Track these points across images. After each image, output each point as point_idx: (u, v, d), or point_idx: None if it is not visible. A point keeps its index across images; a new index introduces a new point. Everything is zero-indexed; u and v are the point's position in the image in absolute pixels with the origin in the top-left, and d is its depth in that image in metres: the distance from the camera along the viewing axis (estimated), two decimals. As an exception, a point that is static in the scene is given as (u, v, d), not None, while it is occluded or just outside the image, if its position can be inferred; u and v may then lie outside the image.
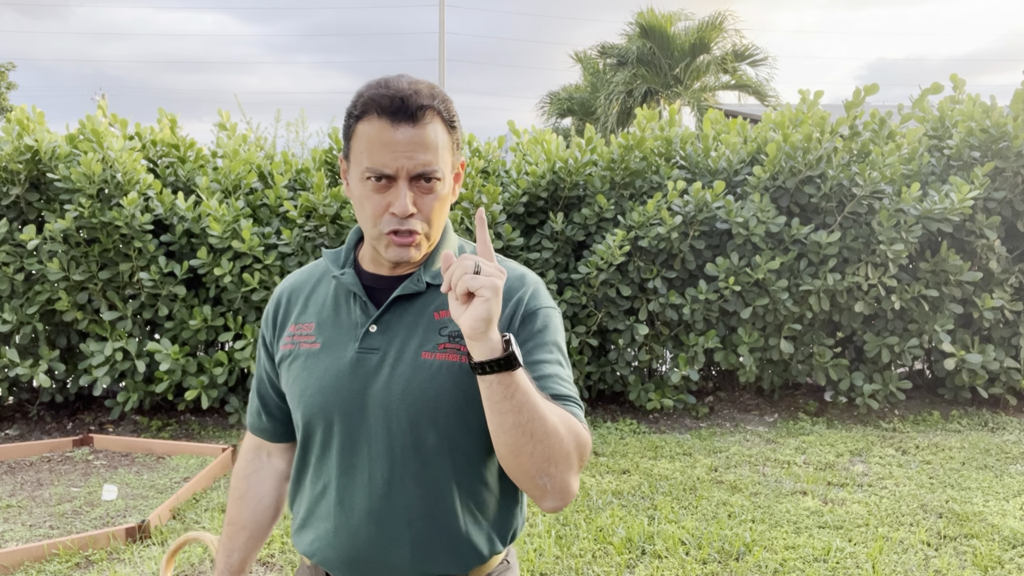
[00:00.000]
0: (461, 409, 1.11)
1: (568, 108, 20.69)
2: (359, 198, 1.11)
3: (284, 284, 1.29)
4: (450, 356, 1.12)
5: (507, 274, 1.14)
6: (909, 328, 5.07)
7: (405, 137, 1.06)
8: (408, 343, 1.13)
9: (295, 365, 1.20)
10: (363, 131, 1.08)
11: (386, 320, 1.15)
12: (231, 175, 5.01)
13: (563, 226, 5.02)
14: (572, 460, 1.03)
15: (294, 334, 1.22)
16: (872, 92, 4.94)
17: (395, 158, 1.06)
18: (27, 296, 4.77)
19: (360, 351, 1.14)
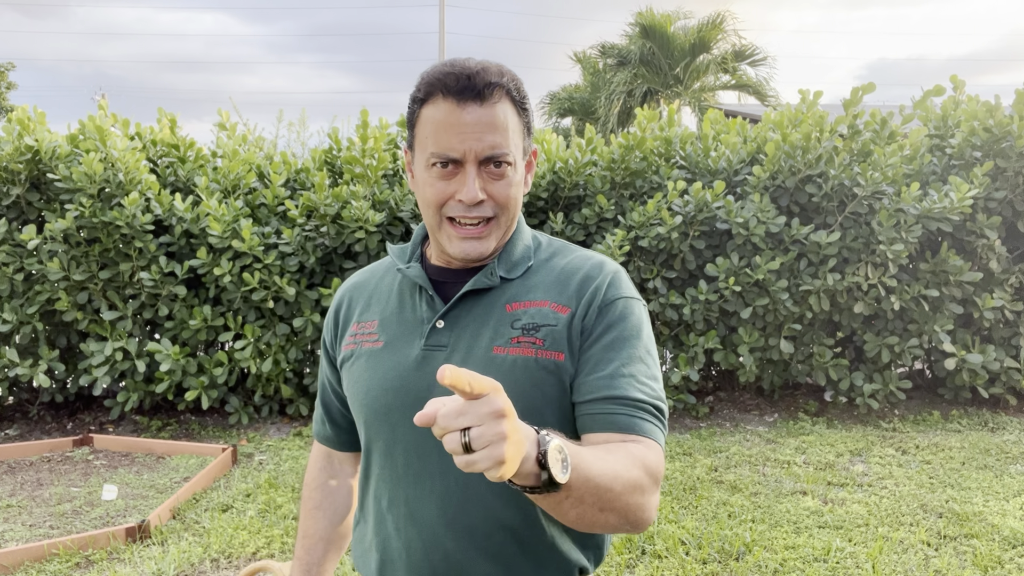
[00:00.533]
0: (538, 408, 1.01)
1: (568, 108, 20.69)
2: (423, 186, 1.05)
3: (347, 283, 1.24)
4: (524, 350, 1.02)
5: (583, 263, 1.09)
6: (909, 328, 5.07)
7: (473, 118, 0.99)
8: (478, 338, 1.05)
9: (356, 365, 1.12)
10: (428, 115, 1.02)
11: (454, 315, 1.07)
12: (230, 175, 5.02)
13: (563, 226, 5.02)
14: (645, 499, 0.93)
15: (356, 333, 1.15)
16: (869, 91, 4.94)
17: (462, 140, 0.99)
18: (27, 296, 4.77)
19: (426, 348, 1.06)
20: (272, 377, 4.97)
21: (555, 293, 1.07)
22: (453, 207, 1.03)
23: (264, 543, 3.24)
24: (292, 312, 4.97)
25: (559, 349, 1.02)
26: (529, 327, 1.03)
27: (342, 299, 1.21)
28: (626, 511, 0.89)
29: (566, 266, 1.10)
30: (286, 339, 4.97)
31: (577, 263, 1.10)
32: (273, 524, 3.42)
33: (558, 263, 1.11)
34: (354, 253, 4.99)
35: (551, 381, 1.01)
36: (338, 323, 1.20)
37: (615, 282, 1.08)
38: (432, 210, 1.05)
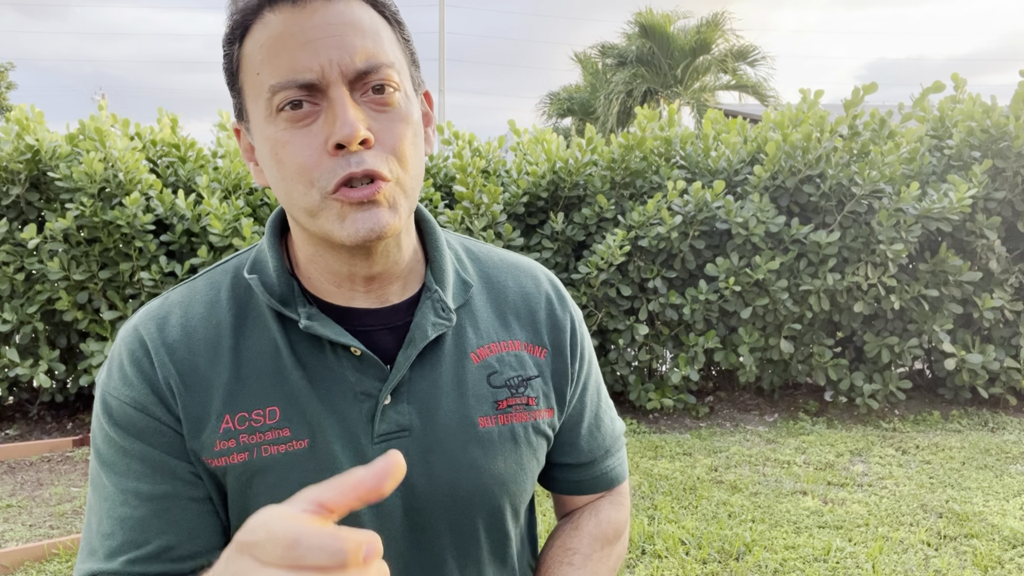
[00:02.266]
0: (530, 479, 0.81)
1: (568, 108, 20.70)
2: (272, 151, 0.67)
3: (156, 337, 0.72)
4: (518, 416, 0.78)
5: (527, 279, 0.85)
6: (909, 328, 5.07)
7: (323, 19, 0.64)
8: (452, 410, 0.75)
9: (261, 484, 0.70)
10: (254, 43, 0.66)
11: (405, 381, 0.74)
12: (231, 175, 5.02)
13: (563, 226, 5.02)
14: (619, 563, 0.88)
15: (239, 432, 0.70)
16: (871, 91, 4.94)
17: (314, 50, 0.64)
18: (27, 296, 4.77)
19: (380, 439, 0.72)
20: (272, 377, 4.96)
21: (524, 329, 0.82)
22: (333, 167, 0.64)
23: (264, 543, 3.24)
24: (292, 312, 4.97)
25: (549, 405, 0.81)
26: (515, 384, 0.78)
27: (168, 372, 0.70)
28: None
29: (513, 285, 0.84)
30: (286, 339, 4.97)
31: (522, 278, 0.85)
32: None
33: (495, 278, 0.84)
34: (354, 253, 4.98)
35: (543, 444, 0.82)
36: (188, 409, 0.70)
37: (567, 300, 0.86)
38: (301, 184, 0.66)
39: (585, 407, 0.87)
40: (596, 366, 0.90)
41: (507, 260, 0.86)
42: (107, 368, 0.73)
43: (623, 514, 0.91)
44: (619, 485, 0.92)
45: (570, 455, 0.87)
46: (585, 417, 0.87)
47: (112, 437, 0.70)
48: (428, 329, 0.74)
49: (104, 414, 0.71)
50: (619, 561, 0.88)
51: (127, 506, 0.69)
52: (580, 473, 0.88)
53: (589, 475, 0.89)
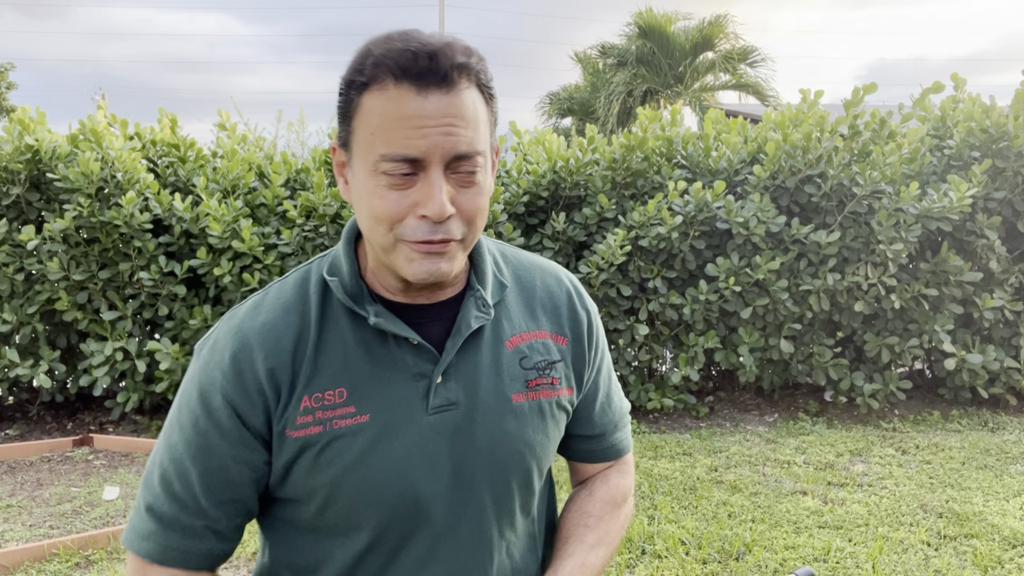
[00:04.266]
0: (551, 449, 0.97)
1: (568, 108, 20.70)
2: (367, 197, 0.80)
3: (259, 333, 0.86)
4: (544, 393, 0.93)
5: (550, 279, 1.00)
6: (909, 328, 5.07)
7: (437, 108, 0.76)
8: (491, 387, 0.90)
9: (331, 452, 0.84)
10: (374, 105, 0.77)
11: (452, 364, 0.89)
12: (229, 175, 5.02)
13: (564, 226, 5.02)
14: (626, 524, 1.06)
15: (315, 409, 0.84)
16: (871, 91, 4.94)
17: (424, 135, 0.76)
18: (27, 296, 4.77)
19: (434, 412, 0.87)
20: (272, 377, 4.96)
21: (550, 321, 0.97)
22: (410, 225, 0.79)
23: (264, 543, 3.24)
24: (292, 312, 4.97)
25: (569, 385, 0.97)
26: (542, 366, 0.93)
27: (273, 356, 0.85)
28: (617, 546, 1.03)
29: (540, 285, 0.99)
30: (286, 339, 4.97)
31: (548, 279, 1.00)
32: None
33: (526, 279, 0.99)
34: (354, 253, 4.98)
35: (564, 417, 0.98)
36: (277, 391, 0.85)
37: (585, 298, 1.02)
38: (383, 228, 0.80)
39: (599, 388, 1.03)
40: (608, 353, 1.06)
41: (535, 263, 1.02)
42: (210, 351, 0.89)
43: (629, 480, 1.09)
44: (625, 455, 1.10)
45: (585, 428, 1.03)
46: (599, 396, 1.03)
47: (195, 406, 0.87)
48: (471, 321, 0.89)
49: (197, 388, 0.88)
50: (627, 520, 1.06)
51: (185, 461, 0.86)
52: (593, 444, 1.05)
53: (601, 446, 1.05)
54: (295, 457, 0.85)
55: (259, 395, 0.85)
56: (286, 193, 5.08)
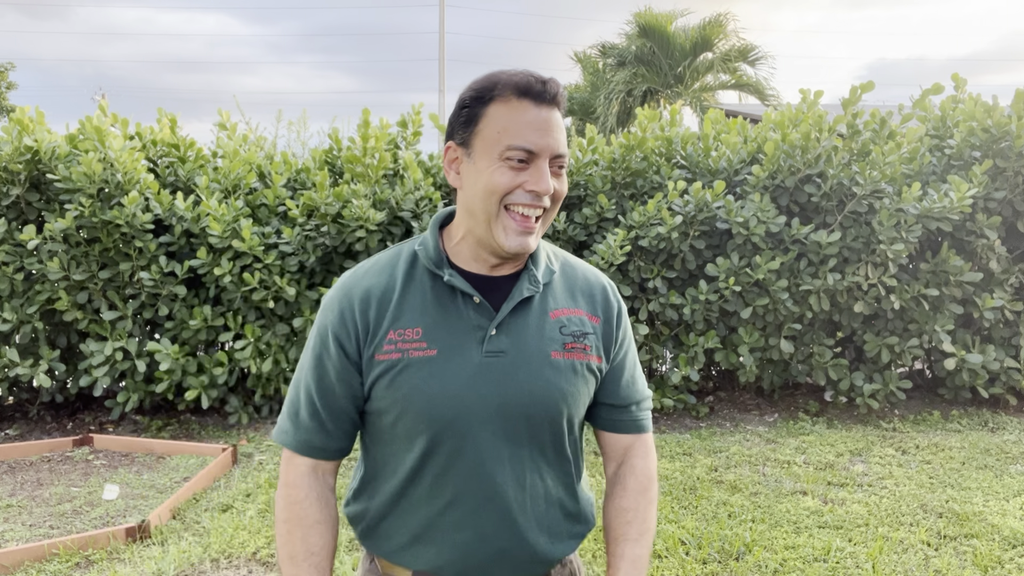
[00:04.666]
0: (582, 401, 1.20)
1: (568, 108, 20.69)
2: (489, 175, 1.08)
3: (362, 284, 1.16)
4: (577, 355, 1.17)
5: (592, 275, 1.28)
6: (909, 328, 5.07)
7: (549, 118, 1.09)
8: (535, 344, 1.15)
9: (406, 374, 1.11)
10: (499, 112, 1.09)
11: (507, 322, 1.14)
12: (230, 175, 5.02)
13: (564, 226, 5.02)
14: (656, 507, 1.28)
15: (397, 341, 1.11)
16: (868, 90, 4.94)
17: (542, 136, 1.08)
18: (27, 296, 4.77)
19: (487, 355, 1.12)
20: (272, 377, 4.97)
21: (586, 304, 1.23)
22: (520, 195, 1.09)
23: (264, 543, 3.24)
24: (292, 312, 4.97)
25: (599, 354, 1.21)
26: (577, 335, 1.18)
27: (367, 298, 1.15)
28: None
29: (581, 277, 1.26)
30: (286, 339, 4.97)
31: (588, 274, 1.28)
32: (273, 524, 3.42)
33: (571, 272, 1.26)
34: (354, 252, 4.98)
35: (593, 380, 1.20)
36: (368, 325, 1.13)
37: (618, 295, 1.28)
38: (496, 198, 1.09)
39: (624, 366, 1.25)
40: (633, 344, 1.29)
41: (581, 263, 1.30)
42: (326, 302, 1.19)
43: (652, 462, 1.28)
44: (646, 434, 1.29)
45: (613, 398, 1.25)
46: (624, 372, 1.25)
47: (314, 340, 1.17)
48: (524, 291, 1.15)
49: (316, 327, 1.18)
50: (656, 496, 1.27)
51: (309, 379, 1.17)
52: (618, 414, 1.26)
53: (625, 417, 1.26)
54: (380, 375, 1.12)
55: (355, 331, 1.14)
56: (287, 193, 5.09)
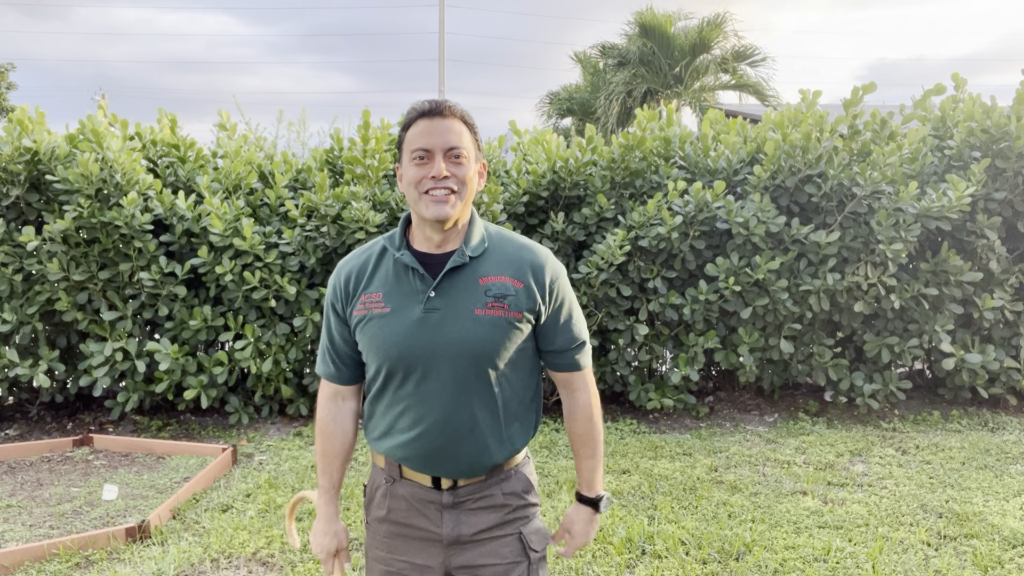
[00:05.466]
0: (508, 350, 1.52)
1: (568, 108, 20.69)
2: (407, 175, 1.49)
3: (347, 267, 1.60)
4: (496, 312, 1.50)
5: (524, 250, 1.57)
6: (909, 328, 5.07)
7: (437, 126, 1.47)
8: (462, 303, 1.49)
9: (371, 325, 1.53)
10: (411, 131, 1.49)
11: (442, 287, 1.50)
12: (232, 175, 5.02)
13: (564, 226, 5.02)
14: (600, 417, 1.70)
15: (365, 302, 1.54)
16: (870, 91, 4.94)
17: (432, 139, 1.46)
18: (27, 296, 4.77)
19: (425, 311, 1.49)
20: (272, 377, 4.97)
21: (511, 271, 1.54)
22: (427, 183, 1.46)
23: (264, 543, 3.24)
24: (292, 312, 4.98)
25: (519, 310, 1.52)
26: (498, 296, 1.50)
27: (348, 275, 1.59)
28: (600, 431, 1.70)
29: (514, 251, 1.57)
30: (286, 339, 4.97)
31: (519, 250, 1.57)
32: (273, 524, 3.42)
33: (506, 247, 1.57)
34: (354, 253, 4.98)
35: (515, 331, 1.52)
36: (348, 293, 1.58)
37: (549, 261, 1.58)
38: (413, 187, 1.48)
39: (559, 319, 1.58)
40: (569, 299, 1.60)
41: (518, 240, 1.60)
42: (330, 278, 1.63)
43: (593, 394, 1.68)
44: (584, 370, 1.65)
45: (550, 345, 1.60)
46: (559, 324, 1.59)
47: (326, 303, 1.62)
48: (454, 261, 1.50)
49: (326, 296, 1.63)
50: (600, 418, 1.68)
51: (324, 333, 1.65)
52: (557, 357, 1.62)
53: (562, 360, 1.62)
54: (355, 326, 1.56)
55: (341, 298, 1.58)
56: (288, 193, 5.09)
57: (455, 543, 1.57)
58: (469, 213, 1.57)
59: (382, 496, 1.64)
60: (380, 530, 1.65)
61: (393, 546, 1.62)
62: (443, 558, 1.59)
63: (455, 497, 1.57)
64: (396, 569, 1.62)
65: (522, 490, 1.63)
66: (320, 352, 1.68)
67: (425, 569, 1.59)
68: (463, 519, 1.57)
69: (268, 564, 3.10)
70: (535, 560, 1.63)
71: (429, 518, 1.58)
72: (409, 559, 1.60)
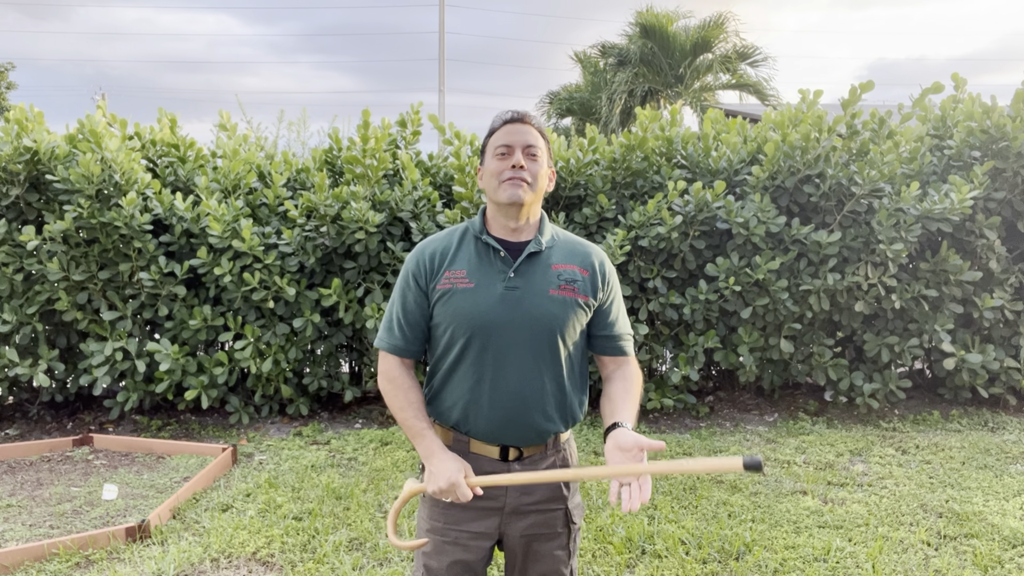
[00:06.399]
0: (575, 328, 1.72)
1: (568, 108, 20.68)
2: (489, 168, 1.70)
3: (431, 246, 1.76)
4: (567, 293, 1.70)
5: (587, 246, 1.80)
6: (909, 328, 5.06)
7: (519, 128, 1.70)
8: (538, 284, 1.69)
9: (455, 298, 1.68)
10: (496, 135, 1.71)
11: (521, 269, 1.69)
12: (230, 175, 5.01)
13: (564, 225, 5.02)
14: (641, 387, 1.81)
15: (450, 277, 1.70)
16: (868, 89, 4.93)
17: (514, 137, 1.68)
18: (27, 296, 4.77)
19: (506, 289, 1.67)
20: (272, 377, 4.97)
21: (578, 261, 1.76)
22: (506, 172, 1.67)
23: (264, 543, 3.24)
24: (292, 312, 4.97)
25: (585, 294, 1.72)
26: (569, 280, 1.71)
27: (434, 252, 1.75)
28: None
29: (579, 247, 1.80)
30: (286, 339, 4.97)
31: (585, 247, 1.80)
32: (273, 524, 3.42)
33: (572, 244, 1.80)
34: (354, 253, 4.99)
35: (580, 311, 1.72)
36: (433, 268, 1.73)
37: (606, 258, 1.82)
38: (494, 177, 1.68)
39: (611, 308, 1.79)
40: (620, 295, 1.83)
41: (579, 239, 1.83)
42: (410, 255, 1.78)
43: (636, 368, 1.83)
44: (628, 356, 1.82)
45: (604, 330, 1.79)
46: (612, 313, 1.79)
47: (402, 276, 1.77)
48: (532, 247, 1.71)
49: (404, 267, 1.77)
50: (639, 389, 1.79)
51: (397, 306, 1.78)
52: (605, 341, 1.80)
53: (612, 344, 1.80)
54: (438, 299, 1.71)
55: (425, 272, 1.73)
56: (287, 193, 5.08)
57: (514, 512, 1.72)
58: (539, 209, 1.77)
59: None
60: (440, 502, 1.73)
61: (451, 516, 1.73)
62: (500, 526, 1.73)
63: (521, 467, 1.72)
64: (452, 538, 1.72)
65: (572, 465, 1.81)
66: (387, 326, 1.79)
67: (481, 536, 1.72)
68: (525, 489, 1.72)
69: (268, 564, 3.10)
70: (574, 531, 1.81)
71: (494, 489, 1.70)
72: (467, 528, 1.72)
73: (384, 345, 1.79)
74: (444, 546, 1.73)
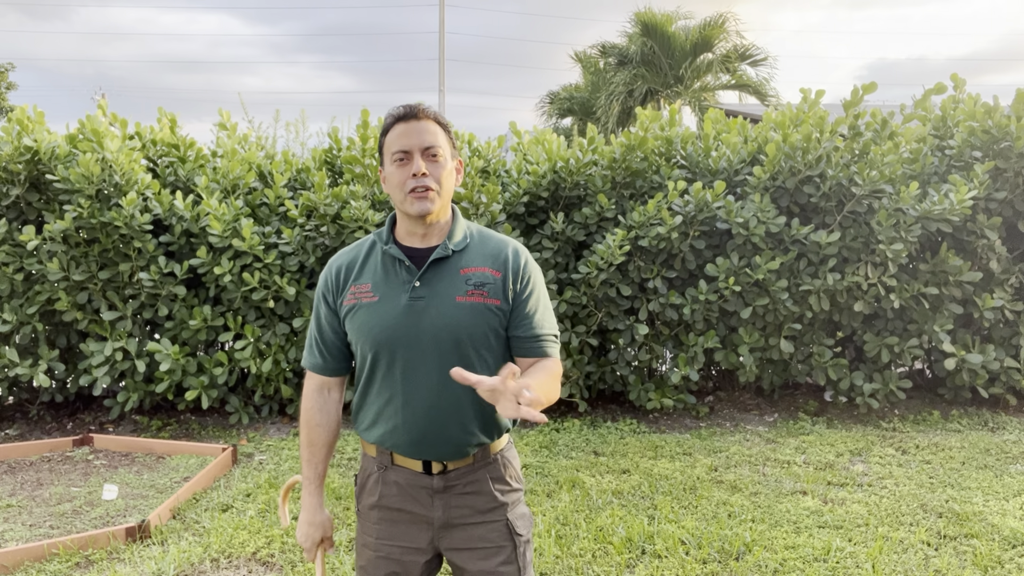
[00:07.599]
0: (486, 334, 1.61)
1: (568, 108, 20.68)
2: (390, 177, 1.60)
3: (338, 261, 1.70)
4: (475, 298, 1.60)
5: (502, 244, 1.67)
6: (909, 328, 5.06)
7: (413, 128, 1.58)
8: (445, 291, 1.59)
9: (359, 314, 1.62)
10: (389, 137, 1.60)
11: (426, 277, 1.60)
12: (230, 175, 5.01)
13: (563, 226, 5.02)
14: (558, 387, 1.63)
15: (355, 292, 1.63)
16: (870, 91, 4.93)
17: (410, 140, 1.57)
18: (27, 296, 4.77)
19: (410, 300, 1.58)
20: (272, 377, 4.97)
21: (491, 262, 1.64)
22: (410, 183, 1.56)
23: (264, 543, 3.24)
24: (292, 312, 4.97)
25: (496, 297, 1.61)
26: (477, 284, 1.60)
27: (339, 268, 1.69)
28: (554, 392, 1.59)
29: (493, 245, 1.68)
30: (286, 339, 4.97)
31: (499, 244, 1.68)
32: (273, 524, 3.42)
33: (487, 242, 1.69)
34: (354, 253, 4.98)
35: (492, 317, 1.61)
36: (338, 285, 1.67)
37: (522, 251, 1.69)
38: (398, 189, 1.58)
39: (527, 307, 1.64)
40: (539, 289, 1.68)
41: (495, 236, 1.71)
42: (322, 273, 1.73)
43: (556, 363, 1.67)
44: (550, 358, 1.67)
45: (520, 330, 1.64)
46: (527, 311, 1.64)
47: (317, 295, 1.71)
48: (438, 253, 1.61)
49: (317, 289, 1.71)
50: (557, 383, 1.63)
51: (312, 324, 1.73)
52: (524, 342, 1.65)
53: (530, 345, 1.66)
54: (345, 314, 1.65)
55: (332, 288, 1.67)
56: (287, 193, 5.08)
57: (445, 526, 1.66)
58: (449, 209, 1.69)
59: (374, 483, 1.70)
60: (371, 516, 1.71)
61: (384, 531, 1.69)
62: (433, 540, 1.67)
63: (445, 481, 1.65)
64: (386, 553, 1.69)
65: (508, 475, 1.71)
66: (308, 344, 1.75)
67: (415, 551, 1.68)
68: (453, 503, 1.66)
69: (268, 564, 3.10)
70: (520, 544, 1.70)
71: (420, 502, 1.66)
72: (400, 543, 1.68)
73: (306, 364, 1.75)
74: (377, 560, 1.69)
